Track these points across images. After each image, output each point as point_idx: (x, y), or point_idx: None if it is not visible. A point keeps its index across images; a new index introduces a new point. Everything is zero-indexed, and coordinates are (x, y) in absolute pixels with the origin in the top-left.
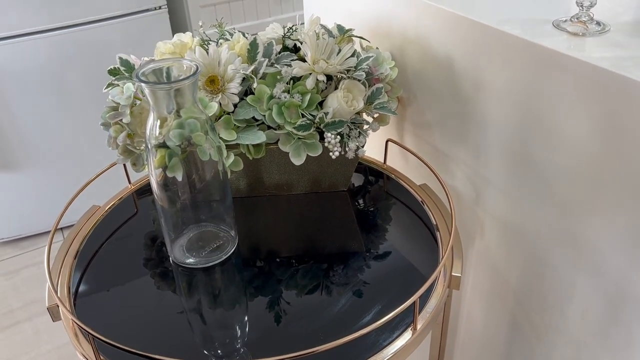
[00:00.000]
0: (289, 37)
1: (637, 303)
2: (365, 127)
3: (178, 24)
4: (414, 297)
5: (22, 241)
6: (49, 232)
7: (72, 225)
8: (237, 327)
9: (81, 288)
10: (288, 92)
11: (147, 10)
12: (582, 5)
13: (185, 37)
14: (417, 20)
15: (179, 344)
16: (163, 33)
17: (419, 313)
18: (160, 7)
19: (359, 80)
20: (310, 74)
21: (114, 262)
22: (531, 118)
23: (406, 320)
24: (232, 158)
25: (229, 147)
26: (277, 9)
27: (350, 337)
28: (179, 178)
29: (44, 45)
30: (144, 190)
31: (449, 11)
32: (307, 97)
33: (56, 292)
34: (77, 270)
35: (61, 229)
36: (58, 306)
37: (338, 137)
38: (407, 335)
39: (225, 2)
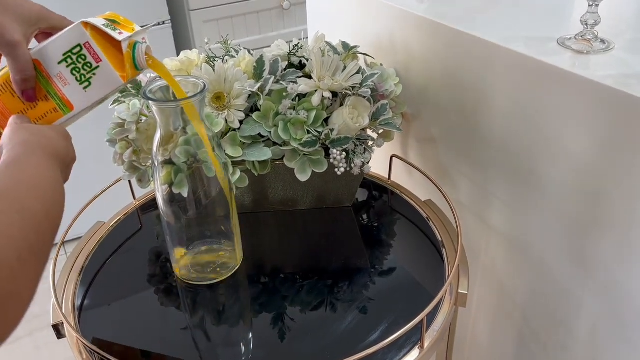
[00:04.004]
0: (294, 54)
1: None
2: (370, 143)
3: (181, 39)
4: (422, 316)
5: None
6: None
7: (75, 240)
8: (242, 344)
9: (86, 304)
10: (294, 108)
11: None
12: (586, 24)
13: (191, 54)
14: (421, 37)
15: None
16: (167, 48)
17: (426, 331)
18: (164, 22)
19: (364, 97)
20: (316, 90)
21: (119, 278)
22: (536, 134)
23: (413, 338)
24: (238, 174)
25: (235, 164)
26: (279, 24)
27: (357, 356)
28: (185, 194)
29: None
30: (149, 206)
31: (453, 28)
32: (313, 114)
33: (61, 309)
34: (82, 286)
35: (64, 244)
36: (63, 323)
37: (344, 153)
38: (414, 354)
39: (228, 17)
